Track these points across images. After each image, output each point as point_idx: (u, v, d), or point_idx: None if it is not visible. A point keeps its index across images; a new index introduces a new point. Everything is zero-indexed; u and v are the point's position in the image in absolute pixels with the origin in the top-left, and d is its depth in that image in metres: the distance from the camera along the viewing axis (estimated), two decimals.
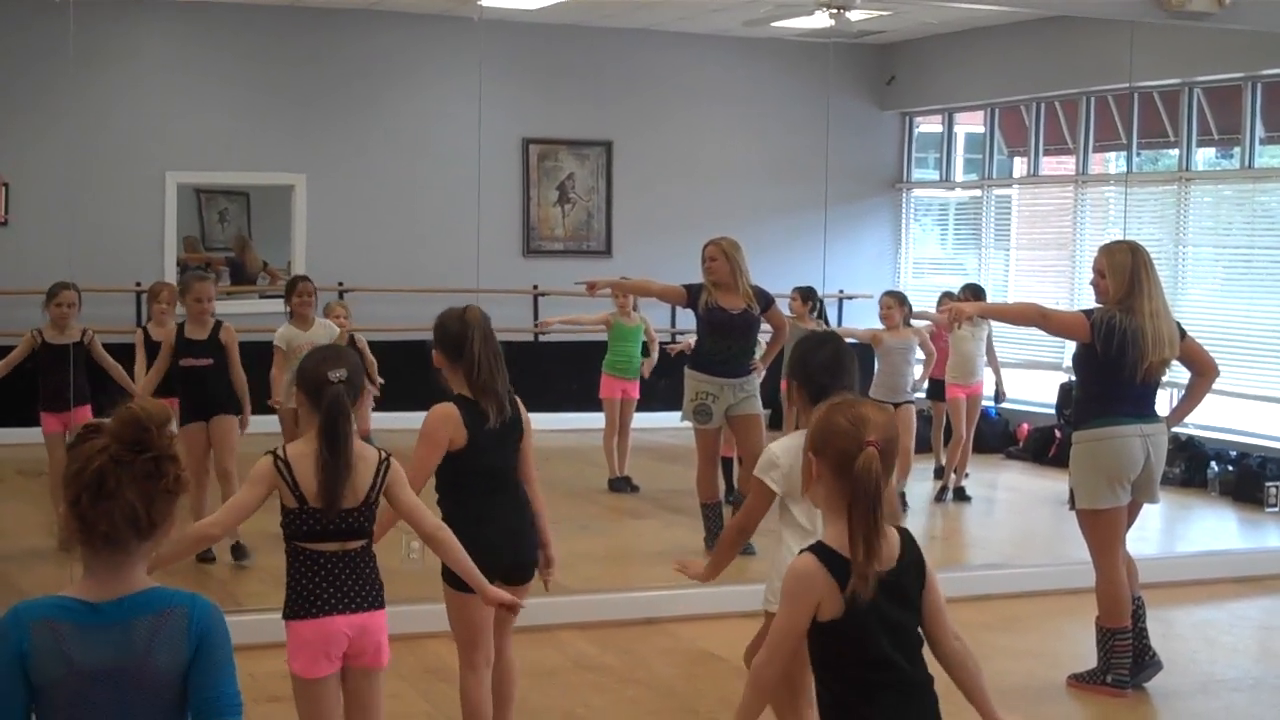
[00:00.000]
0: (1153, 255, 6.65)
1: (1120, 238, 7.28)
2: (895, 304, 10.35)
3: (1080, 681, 6.72)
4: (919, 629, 3.50)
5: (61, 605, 2.73)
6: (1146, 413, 6.62)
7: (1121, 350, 6.42)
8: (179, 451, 2.83)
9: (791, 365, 4.99)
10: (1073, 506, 6.70)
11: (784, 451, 4.70)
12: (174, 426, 2.79)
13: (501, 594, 4.60)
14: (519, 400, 5.09)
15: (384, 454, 4.44)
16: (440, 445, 4.87)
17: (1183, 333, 6.65)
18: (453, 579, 4.82)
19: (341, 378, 4.32)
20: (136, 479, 2.71)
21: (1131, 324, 6.42)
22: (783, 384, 10.93)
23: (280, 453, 4.36)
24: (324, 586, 4.32)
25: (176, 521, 2.85)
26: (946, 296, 11.28)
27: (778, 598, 3.81)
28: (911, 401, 10.36)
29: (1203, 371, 6.85)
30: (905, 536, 3.52)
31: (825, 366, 4.77)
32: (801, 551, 3.46)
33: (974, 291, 11.15)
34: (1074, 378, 6.74)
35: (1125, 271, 6.53)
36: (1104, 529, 6.56)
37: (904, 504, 10.83)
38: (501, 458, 5.00)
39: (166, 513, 2.77)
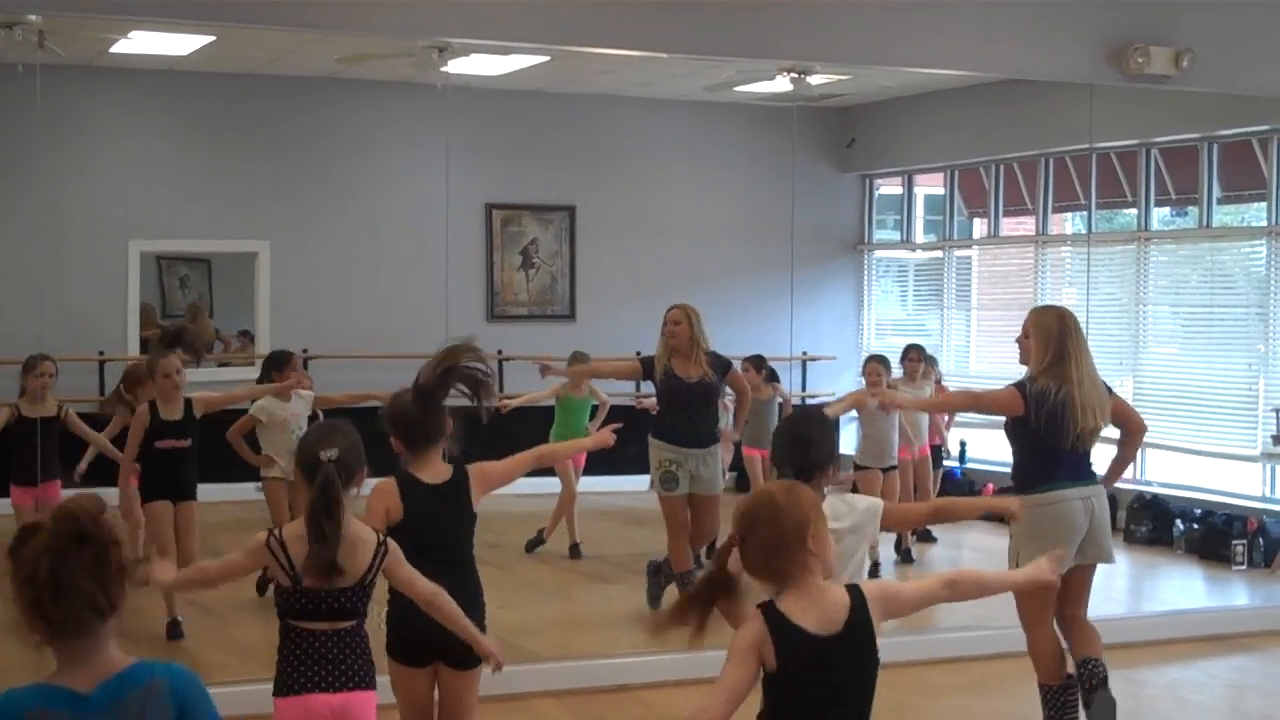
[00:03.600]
0: (1112, 314, 6.74)
1: (1049, 303, 7.34)
2: (883, 369, 10.44)
3: None
4: (866, 684, 3.64)
5: (50, 695, 2.83)
6: (1084, 476, 6.66)
7: (1053, 418, 6.47)
8: (118, 536, 2.93)
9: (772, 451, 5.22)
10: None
11: None
12: (116, 506, 2.95)
13: (492, 648, 4.57)
14: (470, 471, 5.04)
15: (381, 535, 4.43)
16: (378, 516, 4.82)
17: (1109, 390, 6.71)
18: (396, 651, 4.84)
19: (332, 457, 4.30)
20: (87, 568, 2.84)
21: (1061, 392, 6.48)
22: (745, 450, 11.05)
23: (277, 533, 4.35)
24: (310, 664, 4.30)
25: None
26: (912, 349, 11.36)
27: None
28: (896, 466, 10.44)
29: (1132, 431, 6.92)
30: (855, 599, 3.62)
31: (785, 446, 4.99)
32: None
33: (919, 352, 11.29)
34: (1010, 446, 6.77)
35: (1052, 337, 6.61)
36: (1041, 594, 6.41)
37: (910, 560, 10.85)
38: (440, 532, 4.92)
39: (120, 593, 2.90)
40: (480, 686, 5.03)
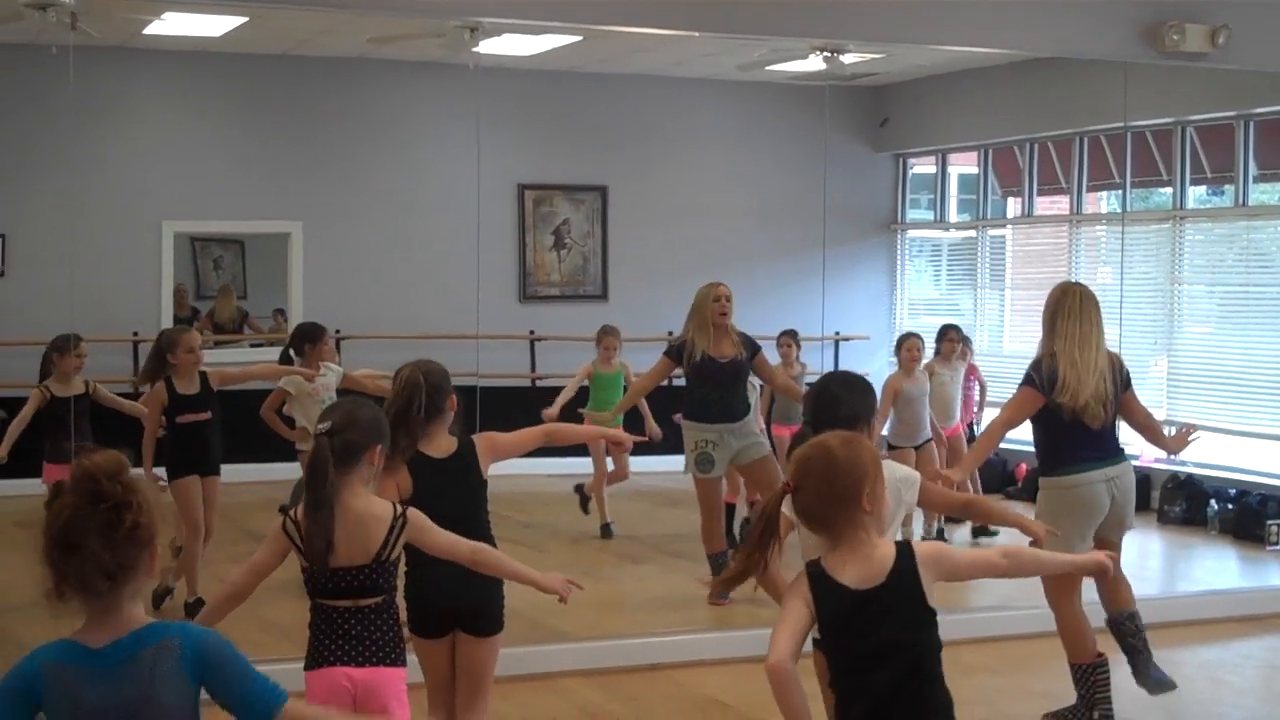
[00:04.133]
0: (1147, 293, 6.68)
1: (1068, 279, 7.26)
2: (920, 344, 10.47)
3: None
4: (914, 643, 3.61)
5: (68, 649, 2.90)
6: (1110, 455, 6.61)
7: (1054, 396, 6.46)
8: (138, 497, 2.90)
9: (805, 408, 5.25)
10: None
11: None
12: (142, 473, 2.94)
13: (554, 583, 4.47)
14: (477, 441, 5.07)
15: (399, 509, 4.38)
16: (387, 493, 4.82)
17: (1126, 384, 6.64)
18: (413, 625, 4.86)
19: (325, 430, 4.29)
20: (98, 529, 2.85)
21: (1053, 368, 6.45)
22: (775, 429, 11.06)
23: (294, 514, 4.34)
24: (335, 640, 4.31)
25: (156, 561, 2.97)
26: (951, 329, 11.29)
27: None
28: (931, 440, 10.41)
29: (1137, 428, 6.88)
30: (901, 554, 3.64)
31: (817, 405, 4.99)
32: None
33: (957, 332, 11.24)
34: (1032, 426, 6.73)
35: (1046, 314, 6.59)
36: (1068, 574, 6.43)
37: (941, 537, 10.84)
38: (450, 504, 4.90)
39: (134, 556, 2.89)
40: (511, 666, 5.05)
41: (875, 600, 3.56)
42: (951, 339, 11.16)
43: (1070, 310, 6.56)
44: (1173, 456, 9.00)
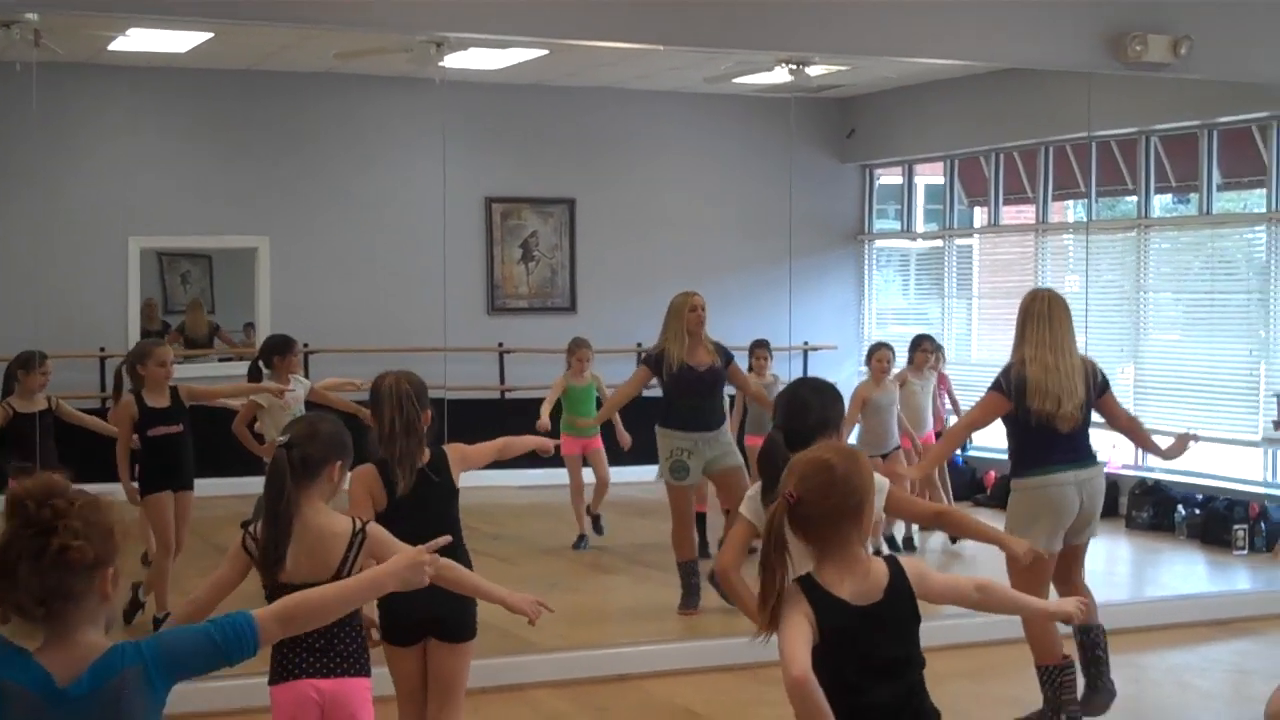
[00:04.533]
0: (1113, 301, 6.75)
1: (1039, 286, 7.32)
2: (890, 355, 10.52)
3: None
4: (910, 659, 3.62)
5: (32, 674, 2.78)
6: (1081, 458, 6.67)
7: (1024, 401, 6.52)
8: (69, 520, 2.77)
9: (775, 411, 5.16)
10: None
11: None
12: (96, 493, 2.84)
13: (523, 603, 4.43)
14: (449, 452, 5.11)
15: (358, 523, 4.37)
16: (362, 503, 4.89)
17: (1104, 388, 6.70)
18: (385, 633, 4.87)
19: (284, 443, 4.29)
20: (27, 555, 2.74)
21: (1021, 374, 6.52)
22: (748, 439, 11.07)
23: (253, 529, 4.35)
24: (298, 652, 4.30)
25: (108, 583, 2.84)
26: (925, 340, 11.32)
27: None
28: (899, 447, 10.44)
29: (1119, 430, 6.95)
30: (894, 570, 3.60)
31: (785, 410, 5.00)
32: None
33: (931, 342, 11.29)
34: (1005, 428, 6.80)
35: (1018, 320, 6.67)
36: (1032, 575, 6.41)
37: (912, 548, 10.88)
38: (428, 514, 4.94)
39: (68, 582, 2.77)
40: (482, 678, 5.05)
41: (874, 617, 3.56)
42: (925, 349, 11.19)
43: (1040, 315, 6.61)
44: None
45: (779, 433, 4.91)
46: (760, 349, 11.22)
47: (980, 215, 14.70)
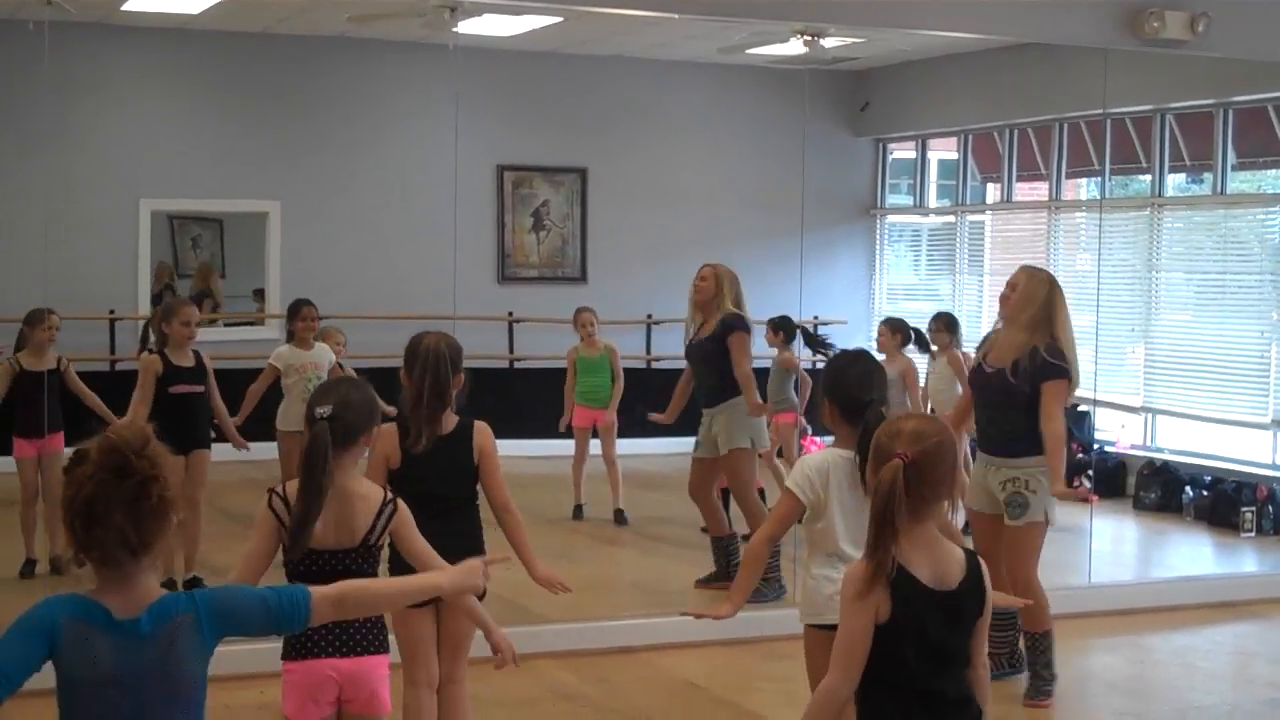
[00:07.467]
0: (1125, 280, 6.81)
1: (1035, 266, 7.28)
2: (889, 331, 10.35)
3: (1036, 700, 6.77)
4: (966, 652, 3.56)
5: (90, 609, 2.88)
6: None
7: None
8: (163, 470, 2.89)
9: (824, 383, 5.03)
10: (1013, 519, 6.70)
11: (816, 467, 4.73)
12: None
13: (504, 641, 4.55)
14: (477, 427, 5.08)
15: (389, 495, 4.32)
16: (377, 463, 4.91)
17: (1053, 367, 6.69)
18: None
19: (325, 414, 4.19)
20: (123, 503, 2.83)
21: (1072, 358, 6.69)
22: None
23: (280, 490, 4.25)
24: (316, 629, 4.09)
25: (171, 530, 2.95)
26: (942, 315, 11.10)
27: (813, 611, 4.58)
28: None
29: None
30: (971, 560, 3.58)
31: (857, 381, 4.83)
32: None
33: (946, 321, 11.12)
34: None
35: (1039, 302, 6.75)
36: (1041, 543, 6.76)
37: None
38: (439, 483, 4.94)
39: (157, 531, 2.88)
40: (487, 648, 5.03)
41: (947, 605, 3.49)
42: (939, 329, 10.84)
43: (1064, 301, 6.74)
44: None
45: (841, 403, 4.77)
46: (780, 330, 10.90)
47: (993, 191, 14.65)
